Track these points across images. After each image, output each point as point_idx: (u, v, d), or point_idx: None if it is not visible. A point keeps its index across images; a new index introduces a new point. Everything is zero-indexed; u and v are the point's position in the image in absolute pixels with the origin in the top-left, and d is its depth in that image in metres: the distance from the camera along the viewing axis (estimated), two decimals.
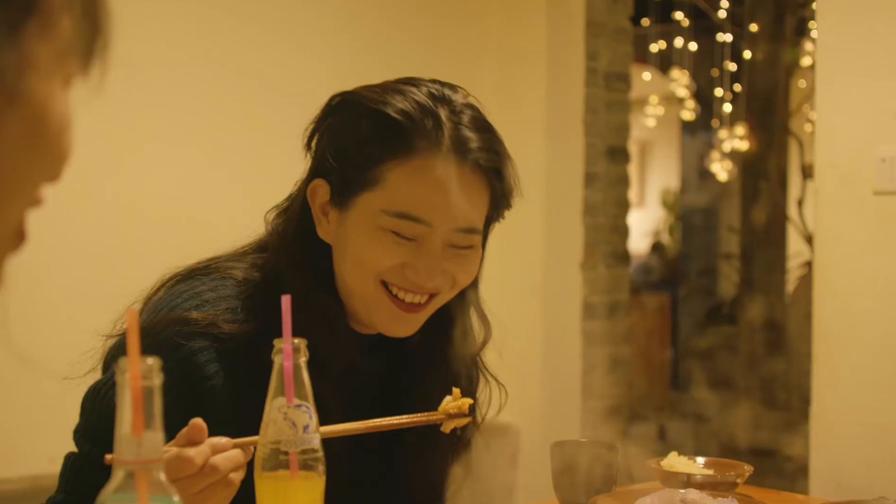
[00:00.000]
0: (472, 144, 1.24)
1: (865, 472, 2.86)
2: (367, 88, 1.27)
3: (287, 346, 0.99)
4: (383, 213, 1.22)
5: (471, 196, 1.25)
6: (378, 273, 1.24)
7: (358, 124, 1.24)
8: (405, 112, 1.22)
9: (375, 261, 1.23)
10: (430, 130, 1.22)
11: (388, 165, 1.22)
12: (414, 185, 1.22)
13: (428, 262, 1.23)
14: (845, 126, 2.93)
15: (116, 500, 0.73)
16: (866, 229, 2.89)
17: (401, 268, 1.24)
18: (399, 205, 1.22)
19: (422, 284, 1.24)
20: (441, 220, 1.23)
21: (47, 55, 0.57)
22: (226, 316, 1.23)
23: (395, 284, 1.25)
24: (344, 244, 1.26)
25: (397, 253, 1.23)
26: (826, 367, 2.97)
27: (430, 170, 1.22)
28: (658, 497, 1.38)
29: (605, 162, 4.15)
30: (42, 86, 0.57)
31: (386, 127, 1.22)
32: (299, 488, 1.00)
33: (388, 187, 1.22)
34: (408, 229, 1.22)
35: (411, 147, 1.22)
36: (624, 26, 4.24)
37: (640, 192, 10.57)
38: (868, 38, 2.90)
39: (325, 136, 1.28)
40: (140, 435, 0.72)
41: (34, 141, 0.58)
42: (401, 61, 3.86)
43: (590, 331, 4.11)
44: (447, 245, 1.25)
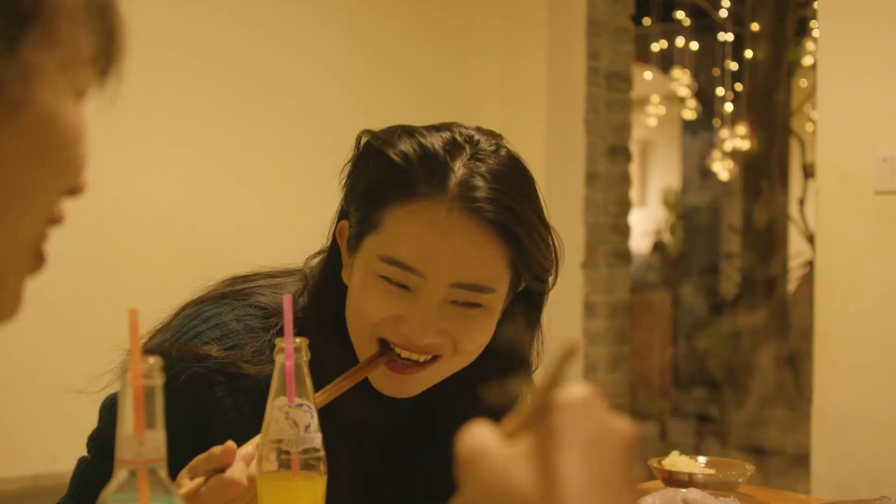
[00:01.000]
0: (479, 193, 1.12)
1: (866, 471, 2.86)
2: (387, 129, 1.21)
3: (288, 346, 0.99)
4: (377, 259, 1.14)
5: (473, 249, 1.13)
6: (372, 326, 1.16)
7: (367, 165, 1.18)
8: (405, 155, 1.14)
9: (369, 311, 1.16)
10: (433, 174, 1.13)
11: (389, 208, 1.14)
12: (409, 230, 1.13)
13: (420, 315, 1.13)
14: (846, 126, 2.93)
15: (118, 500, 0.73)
16: (867, 229, 2.89)
17: (394, 321, 1.15)
18: (391, 250, 1.13)
19: (413, 340, 1.14)
20: (435, 272, 1.13)
21: (52, 65, 0.56)
22: (248, 357, 1.20)
23: (390, 340, 1.17)
24: (349, 290, 1.20)
25: (389, 303, 1.14)
26: (827, 367, 2.97)
27: (428, 215, 1.12)
28: (660, 496, 1.38)
29: (606, 161, 4.15)
30: (47, 96, 0.56)
31: (388, 169, 1.15)
32: (301, 488, 1.00)
33: (386, 231, 1.14)
34: (400, 277, 1.14)
35: (412, 191, 1.13)
36: (625, 26, 4.24)
37: (641, 192, 10.57)
38: (869, 37, 2.90)
39: (346, 176, 1.23)
40: (141, 434, 0.72)
41: (41, 152, 0.57)
42: (402, 61, 3.86)
43: (591, 330, 4.11)
44: (447, 301, 1.15)
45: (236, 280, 1.31)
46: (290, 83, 3.53)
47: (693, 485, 1.48)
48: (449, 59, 4.00)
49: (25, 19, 0.54)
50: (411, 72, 3.86)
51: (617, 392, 4.24)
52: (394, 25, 3.86)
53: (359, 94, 3.69)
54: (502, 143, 1.19)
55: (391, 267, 1.13)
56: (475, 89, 4.07)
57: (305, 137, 3.52)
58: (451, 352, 1.17)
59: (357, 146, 1.23)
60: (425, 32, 3.96)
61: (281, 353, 0.99)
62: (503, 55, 4.12)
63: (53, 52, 0.56)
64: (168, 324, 1.27)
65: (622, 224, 4.24)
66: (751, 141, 6.56)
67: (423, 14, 3.96)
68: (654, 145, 10.82)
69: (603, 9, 4.12)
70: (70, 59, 0.58)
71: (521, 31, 4.09)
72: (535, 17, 4.05)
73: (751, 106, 6.59)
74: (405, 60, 3.86)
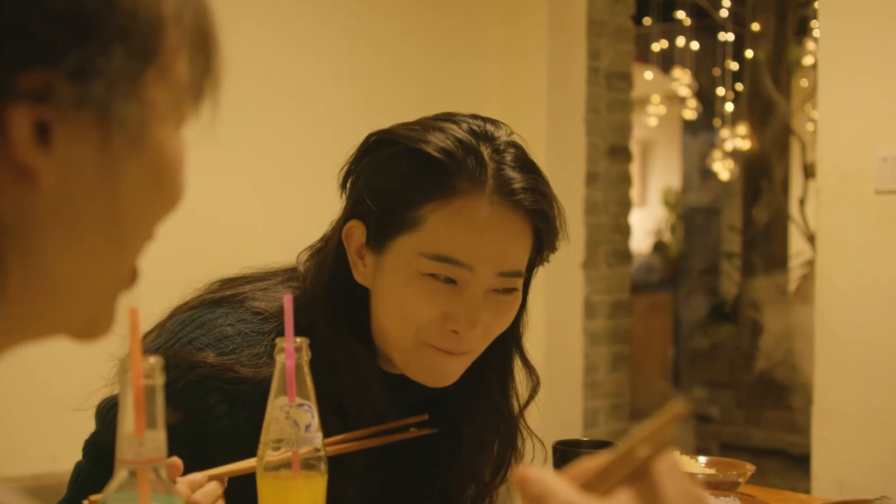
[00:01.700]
0: (516, 185, 1.17)
1: (867, 471, 2.86)
2: (405, 126, 1.22)
3: (289, 345, 0.99)
4: (422, 257, 1.16)
5: (514, 238, 1.19)
6: (418, 329, 1.18)
7: (397, 164, 1.18)
8: (446, 151, 1.16)
9: (415, 313, 1.17)
10: (473, 170, 1.16)
11: (429, 207, 1.16)
12: (455, 227, 1.16)
13: (469, 310, 1.17)
14: (847, 125, 2.93)
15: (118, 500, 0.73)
16: (868, 229, 2.89)
17: (441, 320, 1.17)
18: (439, 248, 1.15)
19: (463, 335, 1.18)
20: (483, 264, 1.17)
21: (165, 100, 0.58)
22: (245, 361, 1.19)
23: (435, 345, 1.19)
24: (383, 291, 1.20)
25: (437, 301, 1.17)
26: (828, 367, 2.97)
27: (472, 211, 1.16)
28: None
29: (606, 161, 4.15)
30: (160, 129, 0.58)
31: (426, 167, 1.16)
32: (301, 487, 1.00)
33: (428, 229, 1.16)
34: (448, 273, 1.16)
35: (452, 188, 1.16)
36: (625, 25, 4.24)
37: (641, 192, 10.57)
38: (870, 37, 2.90)
39: (362, 176, 1.22)
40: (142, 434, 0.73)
41: (154, 184, 0.59)
42: (403, 61, 3.86)
43: (591, 330, 4.11)
44: (488, 290, 1.19)
45: (225, 284, 1.30)
46: (290, 83, 3.53)
47: None
48: (449, 58, 4.00)
49: (147, 58, 0.56)
50: (411, 71, 3.86)
51: (617, 392, 4.24)
52: (393, 25, 3.86)
53: (358, 94, 3.69)
54: (507, 128, 1.24)
55: (440, 263, 1.15)
56: (475, 89, 4.07)
57: (305, 137, 3.53)
58: (484, 340, 1.22)
59: (369, 147, 1.23)
60: (425, 32, 3.96)
61: (282, 352, 0.99)
62: (503, 55, 4.12)
63: (167, 87, 0.58)
64: (161, 327, 1.26)
65: (622, 224, 4.24)
66: (751, 141, 6.56)
67: (423, 14, 3.96)
68: (654, 145, 10.82)
69: (603, 8, 4.12)
70: (179, 91, 0.60)
71: (522, 31, 4.09)
72: (536, 16, 4.05)
73: (751, 106, 6.60)
74: (405, 60, 3.86)
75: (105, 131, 0.55)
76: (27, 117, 0.52)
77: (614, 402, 4.23)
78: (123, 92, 0.55)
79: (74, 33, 0.54)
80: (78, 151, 0.54)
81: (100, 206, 0.57)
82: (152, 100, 0.57)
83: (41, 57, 0.53)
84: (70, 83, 0.53)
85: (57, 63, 0.53)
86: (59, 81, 0.53)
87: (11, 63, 0.52)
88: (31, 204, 0.54)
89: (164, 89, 0.58)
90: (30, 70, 0.52)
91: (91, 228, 0.57)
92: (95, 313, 0.61)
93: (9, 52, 0.52)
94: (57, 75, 0.53)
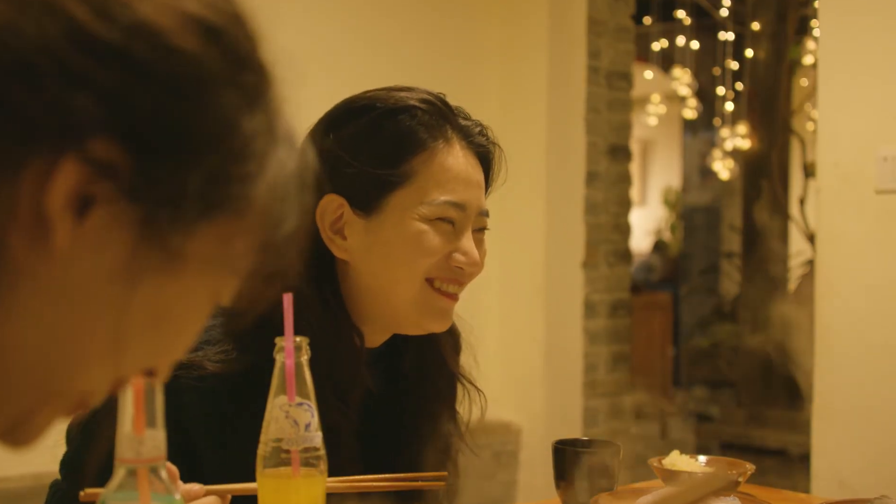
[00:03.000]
0: (473, 130, 1.32)
1: (867, 470, 2.86)
2: (371, 92, 1.29)
3: (289, 345, 0.99)
4: (423, 205, 1.25)
5: (481, 179, 1.32)
6: (426, 270, 1.26)
7: (381, 125, 1.25)
8: (422, 108, 1.26)
9: (424, 255, 1.25)
10: (444, 122, 1.28)
11: (419, 159, 1.25)
12: (445, 173, 1.26)
13: (469, 247, 1.28)
14: (847, 125, 2.93)
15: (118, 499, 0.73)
16: (868, 228, 2.89)
17: (445, 259, 1.27)
18: (438, 194, 1.25)
19: (467, 270, 1.28)
20: (470, 203, 1.28)
21: (209, 259, 0.55)
22: (213, 356, 1.20)
23: (439, 278, 1.27)
24: (384, 250, 1.25)
25: (441, 243, 1.26)
26: (828, 366, 2.97)
27: (454, 158, 1.27)
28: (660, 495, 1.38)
29: (606, 160, 4.15)
30: (188, 279, 0.55)
31: (410, 123, 1.26)
32: (301, 486, 1.00)
33: (421, 179, 1.25)
34: (449, 215, 1.26)
35: (435, 138, 1.26)
36: (626, 25, 4.24)
37: (641, 191, 10.57)
38: (870, 36, 2.89)
39: (340, 146, 1.25)
40: (142, 433, 0.72)
41: (156, 323, 0.55)
42: (403, 60, 3.86)
43: (591, 329, 4.11)
44: (474, 230, 1.31)
45: None
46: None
47: None
48: (449, 58, 4.00)
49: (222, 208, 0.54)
50: (411, 71, 3.86)
51: (617, 391, 4.24)
52: (393, 25, 3.86)
53: None
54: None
55: (440, 208, 1.25)
56: (475, 88, 4.07)
57: None
58: (473, 277, 1.32)
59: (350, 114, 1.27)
60: (425, 31, 3.96)
61: (281, 351, 0.99)
62: (503, 54, 4.12)
63: (220, 251, 0.55)
64: None
65: (623, 223, 4.24)
66: (751, 140, 6.56)
67: (423, 13, 3.96)
68: (654, 144, 10.82)
69: (603, 8, 4.12)
70: (230, 264, 0.57)
71: (522, 30, 4.09)
72: (536, 16, 4.05)
73: (751, 105, 6.59)
74: (405, 59, 3.86)
75: (144, 239, 0.52)
76: (78, 173, 0.49)
77: (614, 402, 4.23)
78: (183, 217, 0.52)
79: (171, 136, 0.51)
80: (107, 239, 0.51)
81: (93, 304, 0.52)
82: (202, 249, 0.54)
83: (129, 136, 0.50)
84: (138, 174, 0.50)
85: (142, 150, 0.50)
86: (130, 166, 0.50)
87: (97, 119, 0.49)
88: (33, 258, 0.50)
89: (218, 251, 0.55)
90: (110, 138, 0.49)
91: (76, 322, 0.53)
92: (28, 414, 0.55)
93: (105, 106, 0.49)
94: (132, 159, 0.50)
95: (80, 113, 0.48)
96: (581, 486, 1.45)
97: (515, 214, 3.95)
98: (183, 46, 0.51)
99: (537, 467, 3.94)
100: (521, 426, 4.05)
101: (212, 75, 0.53)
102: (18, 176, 0.48)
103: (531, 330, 4.00)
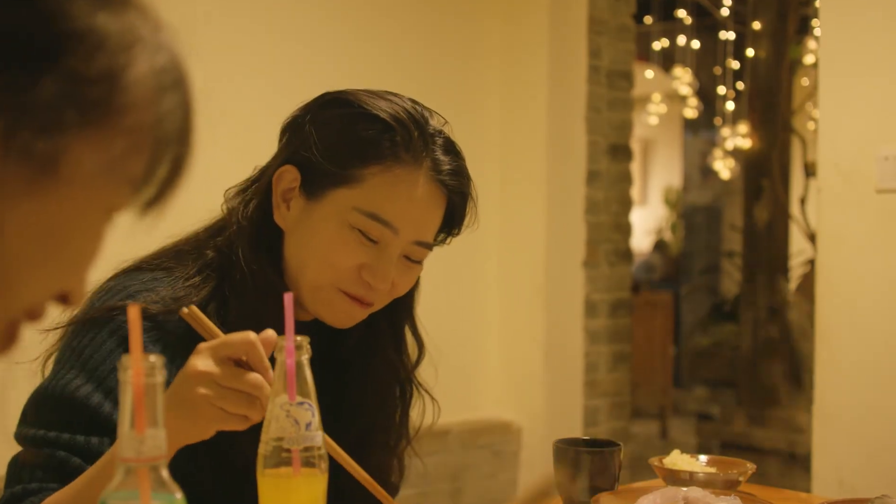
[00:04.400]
0: (445, 167, 1.31)
1: (868, 470, 2.86)
2: (359, 91, 1.33)
3: (289, 344, 0.99)
4: (355, 211, 1.27)
5: (435, 214, 1.32)
6: (335, 278, 1.28)
7: (350, 123, 1.29)
8: (399, 121, 1.28)
9: (339, 260, 1.27)
10: (416, 145, 1.29)
11: (373, 169, 1.27)
12: (392, 192, 1.27)
13: (384, 266, 1.28)
14: (848, 124, 2.93)
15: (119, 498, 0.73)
16: (869, 227, 2.89)
17: (357, 270, 1.28)
18: (374, 207, 1.27)
19: (375, 287, 1.28)
20: (406, 229, 1.29)
21: (93, 170, 0.54)
22: (157, 299, 1.26)
23: (350, 291, 1.29)
24: (307, 234, 1.30)
25: (358, 253, 1.28)
26: (828, 365, 2.97)
27: (409, 182, 1.28)
28: (661, 495, 1.38)
29: (607, 160, 4.15)
30: (75, 193, 0.54)
31: (378, 131, 1.28)
32: (301, 485, 1.00)
33: (366, 188, 1.27)
34: (374, 231, 1.27)
35: (397, 156, 1.27)
36: (626, 24, 4.24)
37: (642, 190, 10.56)
38: (871, 36, 2.89)
39: (313, 128, 1.31)
40: (142, 432, 0.72)
41: (50, 239, 0.55)
42: (404, 59, 3.86)
43: (592, 329, 4.11)
44: (402, 255, 1.31)
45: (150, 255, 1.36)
46: (290, 82, 3.52)
47: (694, 483, 1.48)
48: (449, 57, 4.00)
49: (88, 112, 0.53)
50: (412, 70, 3.86)
51: (618, 391, 4.24)
52: (394, 24, 3.86)
53: None
54: (439, 116, 1.36)
55: (370, 221, 1.27)
56: (476, 87, 4.07)
57: None
58: (386, 297, 1.33)
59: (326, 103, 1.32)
60: (425, 31, 3.96)
61: (282, 351, 0.99)
62: (504, 53, 4.12)
63: (103, 160, 0.54)
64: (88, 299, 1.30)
65: (623, 223, 4.24)
66: (752, 139, 6.56)
67: (424, 12, 3.96)
68: (655, 144, 10.82)
69: (604, 7, 4.11)
70: (117, 173, 0.56)
71: (522, 30, 4.09)
72: (536, 15, 4.05)
73: (752, 104, 6.59)
74: (406, 58, 3.86)
75: (10, 153, 0.51)
76: None
77: (615, 401, 4.23)
78: (43, 127, 0.51)
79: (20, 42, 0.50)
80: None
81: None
82: (77, 158, 0.53)
83: None
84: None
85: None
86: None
87: None
88: None
89: (97, 158, 0.54)
90: None
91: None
92: None
93: None
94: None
95: None
96: (582, 486, 1.45)
97: (516, 214, 3.95)
98: None
99: (538, 467, 3.94)
100: (522, 425, 4.05)
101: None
102: None
103: (532, 329, 4.00)
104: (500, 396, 4.01)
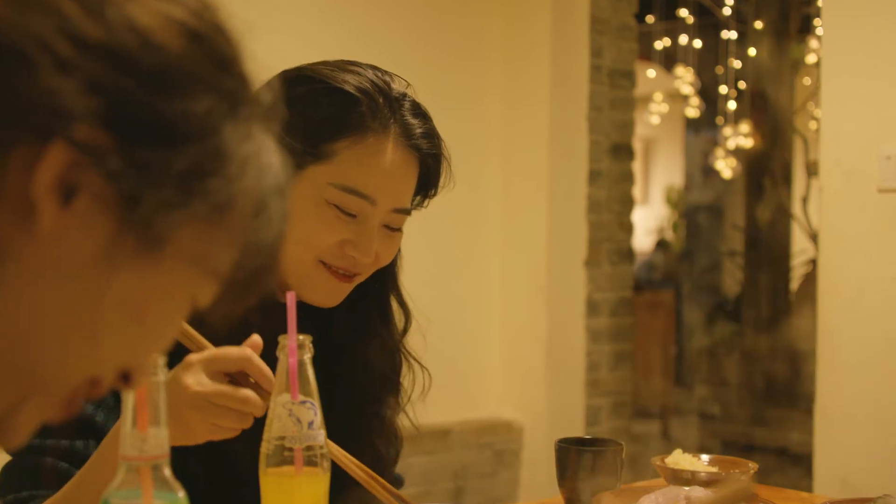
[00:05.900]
0: (416, 130, 1.31)
1: (869, 469, 2.86)
2: (322, 65, 1.34)
3: (292, 343, 0.99)
4: (331, 187, 1.26)
5: (409, 179, 1.32)
6: (318, 253, 1.27)
7: (316, 99, 1.28)
8: (364, 91, 1.28)
9: (318, 237, 1.26)
10: (384, 113, 1.28)
11: (343, 143, 1.26)
12: (365, 163, 1.27)
13: (367, 239, 1.27)
14: (850, 124, 2.93)
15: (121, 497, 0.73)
16: (871, 227, 2.89)
17: (340, 246, 1.27)
18: (349, 180, 1.26)
19: (359, 261, 1.28)
20: (384, 199, 1.28)
21: (191, 255, 0.56)
22: None
23: (334, 264, 1.28)
24: None
25: (339, 229, 1.27)
26: (830, 365, 2.97)
27: (380, 151, 1.27)
28: (662, 494, 1.38)
29: (609, 159, 4.15)
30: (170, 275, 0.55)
31: (344, 104, 1.27)
32: (304, 484, 1.00)
33: (339, 162, 1.26)
34: (352, 204, 1.26)
35: (366, 127, 1.27)
36: (628, 23, 4.24)
37: (644, 190, 10.56)
38: (873, 35, 2.89)
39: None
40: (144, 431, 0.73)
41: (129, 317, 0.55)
42: (405, 58, 3.85)
43: (594, 328, 4.11)
44: (382, 225, 1.30)
45: None
46: None
47: (696, 483, 1.48)
48: (451, 55, 4.00)
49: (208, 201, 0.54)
50: (413, 69, 3.85)
51: (619, 390, 4.24)
52: (396, 23, 3.86)
53: None
54: (401, 79, 1.37)
55: (347, 195, 1.26)
56: (478, 87, 4.07)
57: None
58: (371, 266, 1.32)
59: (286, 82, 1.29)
60: (427, 29, 3.96)
61: (284, 350, 0.99)
62: (506, 52, 4.12)
63: (202, 248, 0.56)
64: None
65: (625, 222, 4.24)
66: (754, 139, 6.55)
67: (426, 11, 3.95)
68: (657, 143, 10.81)
69: (606, 6, 4.11)
70: (209, 262, 0.57)
71: (524, 29, 4.09)
72: (538, 14, 4.05)
73: (754, 104, 6.59)
74: (407, 57, 3.86)
75: (126, 224, 0.52)
76: (64, 157, 0.50)
77: (617, 401, 4.23)
78: (165, 203, 0.53)
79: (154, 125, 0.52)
80: (90, 221, 0.52)
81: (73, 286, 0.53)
82: (183, 241, 0.55)
83: (113, 123, 0.51)
84: (121, 158, 0.51)
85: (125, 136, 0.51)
86: (113, 150, 0.51)
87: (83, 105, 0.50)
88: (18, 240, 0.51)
89: (198, 246, 0.56)
90: (95, 124, 0.50)
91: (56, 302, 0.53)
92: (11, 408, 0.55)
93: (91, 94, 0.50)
94: (116, 144, 0.51)
95: (67, 99, 0.50)
96: (583, 485, 1.45)
97: (518, 213, 3.95)
98: (167, 44, 0.53)
99: (540, 466, 3.94)
100: (524, 425, 4.05)
101: (193, 74, 0.54)
102: (6, 159, 0.50)
103: (533, 328, 4.00)
104: (502, 396, 4.01)
